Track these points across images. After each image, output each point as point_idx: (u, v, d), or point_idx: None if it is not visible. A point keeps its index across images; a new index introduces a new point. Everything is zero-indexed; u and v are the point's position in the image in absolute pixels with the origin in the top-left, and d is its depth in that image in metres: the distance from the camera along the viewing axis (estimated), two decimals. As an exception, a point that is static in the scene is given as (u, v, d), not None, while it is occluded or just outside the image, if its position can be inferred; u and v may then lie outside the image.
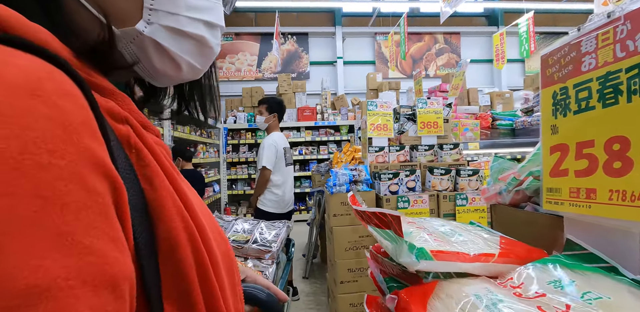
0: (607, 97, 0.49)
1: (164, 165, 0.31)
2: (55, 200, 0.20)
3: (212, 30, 0.38)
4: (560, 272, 0.45)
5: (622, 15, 0.47)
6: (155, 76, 0.37)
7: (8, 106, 0.20)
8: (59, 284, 0.19)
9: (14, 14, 0.24)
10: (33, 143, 0.20)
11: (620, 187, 0.46)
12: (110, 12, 0.32)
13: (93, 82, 0.29)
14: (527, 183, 0.67)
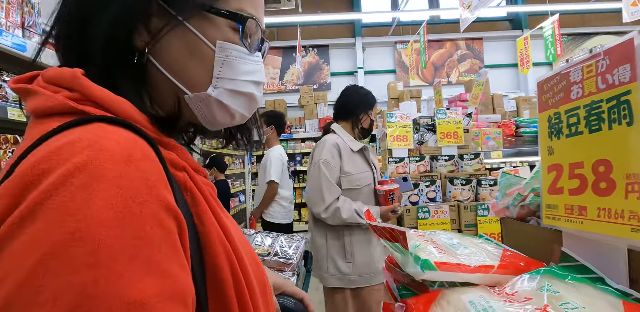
0: (592, 124, 0.54)
1: (211, 203, 0.40)
2: (146, 239, 0.29)
3: (258, 86, 0.48)
4: (553, 282, 0.50)
5: (601, 52, 0.52)
6: (213, 124, 0.48)
7: (112, 171, 0.29)
8: (151, 300, 0.28)
9: (112, 97, 0.35)
10: (130, 198, 0.29)
11: (606, 206, 0.51)
12: (188, 84, 0.43)
13: (160, 140, 0.39)
14: (530, 199, 0.71)
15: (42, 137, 0.32)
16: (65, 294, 0.25)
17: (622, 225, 0.48)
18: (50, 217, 0.26)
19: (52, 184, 0.27)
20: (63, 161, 0.28)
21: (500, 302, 0.47)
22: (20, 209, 0.27)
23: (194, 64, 0.43)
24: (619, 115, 0.49)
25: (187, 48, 0.43)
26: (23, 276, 0.25)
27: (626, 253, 0.49)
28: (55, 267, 0.25)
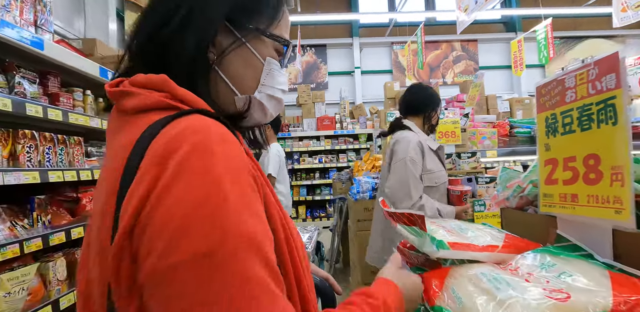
0: (584, 123, 0.63)
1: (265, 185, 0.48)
2: (249, 196, 0.39)
3: (284, 94, 0.60)
4: (547, 258, 0.59)
5: (592, 62, 0.61)
6: (249, 121, 0.59)
7: (218, 148, 0.38)
8: (258, 236, 0.37)
9: (193, 97, 0.44)
10: (234, 168, 0.38)
11: (594, 193, 0.60)
12: (240, 88, 0.54)
13: None
14: (528, 190, 0.80)
15: (156, 125, 0.40)
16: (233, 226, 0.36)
17: (608, 208, 0.57)
18: (192, 177, 0.36)
19: (184, 155, 0.37)
20: (185, 141, 0.38)
21: (509, 274, 0.56)
22: (170, 172, 0.36)
23: (248, 72, 0.55)
24: (606, 117, 0.58)
25: (244, 61, 0.54)
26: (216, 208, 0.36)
27: (611, 233, 0.59)
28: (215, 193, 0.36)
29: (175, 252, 0.33)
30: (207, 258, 0.34)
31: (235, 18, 0.52)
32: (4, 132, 1.53)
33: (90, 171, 2.00)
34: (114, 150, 0.44)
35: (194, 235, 0.34)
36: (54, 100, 1.82)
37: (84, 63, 1.97)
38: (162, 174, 0.36)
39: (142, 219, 0.35)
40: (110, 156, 0.45)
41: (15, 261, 1.60)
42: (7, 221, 1.55)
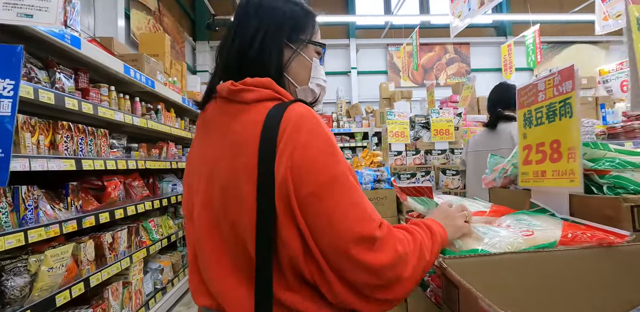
0: (550, 117, 0.84)
1: None
2: (336, 144, 0.60)
3: (325, 82, 0.81)
4: (523, 216, 0.80)
5: (556, 72, 0.82)
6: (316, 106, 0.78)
7: (318, 119, 0.60)
8: (346, 172, 0.60)
9: (286, 92, 0.63)
10: (328, 129, 0.60)
11: (556, 168, 0.81)
12: (299, 82, 0.74)
13: None
14: (510, 171, 1.01)
15: (278, 108, 0.61)
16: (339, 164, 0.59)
17: (565, 179, 0.78)
18: (318, 137, 0.60)
19: (310, 125, 0.60)
20: (305, 118, 0.61)
21: (492, 227, 0.76)
22: (305, 135, 0.59)
23: (302, 71, 0.76)
24: (565, 112, 0.79)
25: (299, 63, 0.75)
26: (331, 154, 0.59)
27: (568, 197, 0.80)
28: (329, 147, 0.59)
29: (319, 179, 0.56)
30: (335, 179, 0.57)
31: (292, 35, 0.73)
32: (46, 123, 1.69)
33: (115, 161, 2.17)
34: (236, 129, 0.63)
35: (328, 168, 0.58)
36: (85, 95, 1.98)
37: (111, 61, 2.13)
38: (301, 135, 0.58)
39: (295, 162, 0.56)
40: (231, 132, 0.64)
41: (52, 240, 1.76)
42: (47, 204, 1.71)
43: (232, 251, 0.61)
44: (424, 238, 0.63)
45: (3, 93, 1.25)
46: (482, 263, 0.59)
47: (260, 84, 0.65)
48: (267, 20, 0.70)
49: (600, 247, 0.62)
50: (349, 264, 0.54)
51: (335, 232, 0.54)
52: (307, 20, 0.76)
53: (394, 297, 0.57)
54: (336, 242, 0.54)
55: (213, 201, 0.63)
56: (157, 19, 6.24)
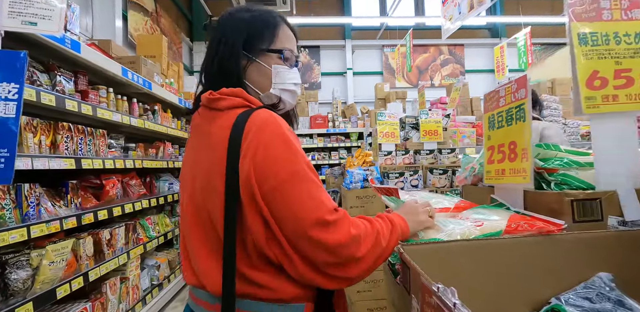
0: (508, 120, 0.93)
1: None
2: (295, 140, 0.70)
3: (296, 86, 0.87)
4: (481, 210, 0.89)
5: (513, 80, 0.91)
6: (277, 108, 0.86)
7: (280, 121, 0.69)
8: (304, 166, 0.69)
9: (255, 100, 0.73)
10: (286, 128, 0.69)
11: (513, 167, 0.90)
12: (260, 89, 0.82)
13: None
14: (478, 169, 1.10)
15: (245, 114, 0.70)
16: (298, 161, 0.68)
17: (519, 176, 0.87)
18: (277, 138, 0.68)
19: (271, 127, 0.69)
20: (267, 121, 0.70)
21: (453, 219, 0.85)
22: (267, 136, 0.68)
23: (261, 78, 0.82)
24: (520, 116, 0.88)
25: (258, 71, 0.82)
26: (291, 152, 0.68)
27: (522, 192, 0.89)
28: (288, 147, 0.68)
29: (280, 175, 0.65)
30: (294, 174, 0.65)
31: (247, 45, 0.79)
32: (47, 124, 1.77)
33: (113, 160, 2.24)
34: (213, 132, 0.72)
35: (287, 165, 0.66)
36: (84, 96, 2.06)
37: (110, 64, 2.21)
38: (263, 137, 0.66)
39: (258, 161, 0.65)
40: (211, 134, 0.73)
41: (52, 236, 1.84)
42: (48, 201, 1.78)
43: (208, 236, 0.71)
44: (382, 227, 0.72)
45: (8, 96, 1.32)
46: (435, 249, 0.68)
47: (233, 93, 0.74)
48: (228, 32, 0.79)
49: (539, 236, 0.71)
50: (310, 244, 0.64)
51: (296, 219, 0.64)
52: (265, 29, 0.81)
53: (351, 275, 0.66)
54: (297, 227, 0.64)
55: (196, 194, 0.73)
56: (155, 20, 6.31)
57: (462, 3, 4.11)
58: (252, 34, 0.80)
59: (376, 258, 0.69)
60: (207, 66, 0.81)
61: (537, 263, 0.71)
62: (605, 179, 0.79)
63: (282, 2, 6.56)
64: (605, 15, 0.81)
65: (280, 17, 0.85)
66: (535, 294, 0.71)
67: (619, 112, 0.79)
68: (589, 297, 0.69)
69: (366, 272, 0.68)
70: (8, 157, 1.29)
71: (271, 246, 0.67)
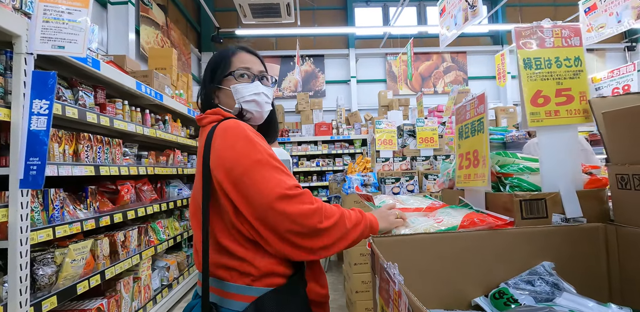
0: (472, 132, 1.07)
1: None
2: (256, 138, 0.87)
3: (257, 96, 1.03)
4: (448, 210, 1.02)
5: (475, 97, 1.06)
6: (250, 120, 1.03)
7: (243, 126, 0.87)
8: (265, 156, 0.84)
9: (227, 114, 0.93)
10: (250, 130, 0.87)
11: (476, 172, 1.04)
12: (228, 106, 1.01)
13: None
14: (452, 174, 1.24)
15: (214, 127, 0.88)
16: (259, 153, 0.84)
17: (479, 180, 1.01)
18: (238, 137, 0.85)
19: (232, 129, 0.87)
20: (229, 125, 0.88)
21: (421, 217, 0.99)
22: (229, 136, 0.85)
23: (228, 99, 1.02)
24: (479, 128, 1.02)
25: (223, 94, 1.02)
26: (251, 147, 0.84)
27: (484, 194, 1.02)
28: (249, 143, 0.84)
29: (244, 163, 0.81)
30: (257, 162, 0.81)
31: (213, 77, 1.02)
32: (70, 135, 1.95)
33: (127, 167, 2.42)
34: (200, 142, 0.92)
35: (250, 155, 0.82)
36: (102, 109, 2.25)
37: (125, 79, 2.41)
38: (225, 137, 0.84)
39: (223, 156, 0.83)
40: (199, 144, 0.92)
41: (73, 237, 2.01)
42: (70, 204, 1.96)
43: (199, 222, 0.87)
44: (350, 214, 0.87)
45: (40, 111, 1.51)
46: (399, 240, 0.82)
47: (212, 112, 0.96)
48: (205, 75, 1.04)
49: (490, 230, 0.85)
50: (274, 215, 0.78)
51: (261, 195, 0.78)
52: (221, 60, 1.02)
53: (314, 246, 0.80)
54: (263, 202, 0.78)
55: (193, 191, 0.93)
56: (165, 33, 6.59)
57: (457, 15, 4.27)
58: (214, 68, 1.01)
59: (339, 237, 0.82)
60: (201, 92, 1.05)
61: (488, 253, 0.84)
62: (550, 182, 0.92)
63: (287, 13, 6.79)
64: (548, 42, 0.95)
65: (238, 48, 1.05)
66: (486, 279, 0.84)
67: (561, 125, 0.93)
68: (531, 281, 0.82)
69: (329, 248, 0.82)
70: (40, 165, 1.47)
71: (242, 222, 0.83)
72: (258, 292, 0.82)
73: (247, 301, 0.81)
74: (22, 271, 1.50)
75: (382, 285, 0.66)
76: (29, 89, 1.51)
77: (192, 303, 0.90)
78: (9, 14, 1.48)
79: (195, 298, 0.93)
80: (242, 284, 0.83)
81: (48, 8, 1.57)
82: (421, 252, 0.82)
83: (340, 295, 3.29)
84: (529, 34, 0.95)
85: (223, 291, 0.84)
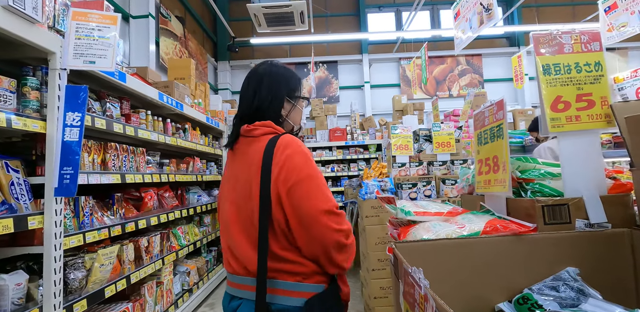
0: (492, 138, 1.08)
1: None
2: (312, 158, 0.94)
3: (305, 120, 1.12)
4: (469, 216, 1.03)
5: (494, 103, 1.07)
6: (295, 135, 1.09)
7: (301, 143, 0.93)
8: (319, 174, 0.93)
9: (281, 129, 0.96)
10: (306, 149, 0.93)
11: (496, 178, 1.04)
12: (296, 123, 1.07)
13: None
14: (471, 180, 1.24)
15: (274, 138, 0.94)
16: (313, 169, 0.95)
17: (500, 186, 1.01)
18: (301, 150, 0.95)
19: (293, 146, 0.96)
20: (290, 142, 0.97)
21: (443, 223, 1.00)
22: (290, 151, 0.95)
23: (297, 116, 1.10)
24: (499, 134, 1.02)
25: (295, 111, 1.08)
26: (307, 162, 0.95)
27: (505, 199, 1.02)
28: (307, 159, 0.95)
29: (300, 175, 0.89)
30: (310, 176, 0.88)
31: (290, 93, 1.10)
32: (99, 144, 2.05)
33: (150, 175, 2.51)
34: (250, 152, 0.97)
35: (305, 170, 0.91)
36: (127, 119, 2.35)
37: (148, 90, 2.51)
38: (287, 152, 0.93)
39: (285, 167, 0.91)
40: (248, 154, 0.97)
41: (101, 242, 2.10)
42: (98, 211, 2.05)
43: (249, 231, 0.93)
44: None
45: (73, 123, 1.60)
46: (421, 246, 0.83)
47: (264, 124, 1.02)
48: (273, 83, 1.06)
49: (512, 236, 0.85)
50: (319, 227, 0.88)
51: (310, 206, 0.88)
52: (299, 83, 1.13)
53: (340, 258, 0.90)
54: (311, 212, 0.87)
55: (237, 198, 0.96)
56: (183, 44, 6.80)
57: (472, 18, 4.25)
58: (295, 87, 1.11)
59: (351, 253, 0.94)
60: (247, 105, 1.07)
61: (511, 259, 0.84)
62: (572, 187, 0.92)
63: (301, 21, 6.91)
64: (567, 48, 0.96)
65: None
66: (510, 285, 0.84)
67: (583, 130, 0.93)
68: (555, 287, 0.82)
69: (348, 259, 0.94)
70: (72, 174, 1.55)
71: (290, 231, 0.92)
72: (309, 289, 0.91)
73: (298, 296, 0.91)
74: (56, 275, 1.57)
75: (407, 289, 0.67)
76: (63, 103, 1.61)
77: (234, 305, 0.95)
78: (44, 33, 1.58)
79: (231, 301, 0.97)
80: (294, 282, 0.92)
81: (80, 26, 1.67)
82: (444, 257, 0.83)
83: (358, 301, 3.28)
84: (548, 39, 0.95)
85: (275, 289, 0.91)
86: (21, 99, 1.55)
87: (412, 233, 1.00)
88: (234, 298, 0.96)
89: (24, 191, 1.53)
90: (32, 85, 1.58)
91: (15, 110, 1.49)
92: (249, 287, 0.91)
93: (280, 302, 0.89)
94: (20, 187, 1.52)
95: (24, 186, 1.53)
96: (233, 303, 0.95)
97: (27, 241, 1.60)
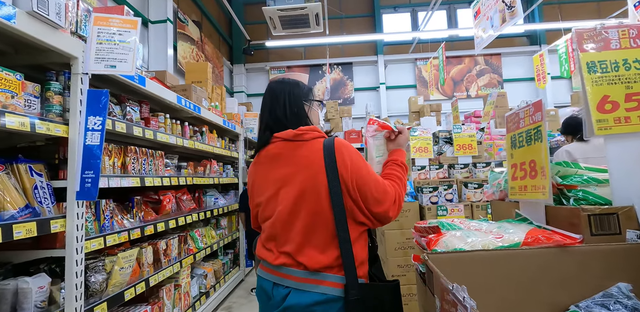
0: (528, 140, 1.01)
1: None
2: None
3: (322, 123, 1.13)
4: (505, 224, 0.96)
5: (531, 104, 1.00)
6: None
7: (348, 143, 1.01)
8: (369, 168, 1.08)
9: (322, 131, 0.96)
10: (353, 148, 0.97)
11: (534, 184, 0.97)
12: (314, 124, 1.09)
13: None
14: (503, 185, 1.17)
15: (330, 140, 1.05)
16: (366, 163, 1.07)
17: (539, 192, 0.94)
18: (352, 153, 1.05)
19: (347, 147, 1.05)
20: (345, 142, 1.06)
21: (476, 232, 0.94)
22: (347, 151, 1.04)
23: (316, 117, 1.12)
24: (537, 137, 0.96)
25: (313, 113, 1.13)
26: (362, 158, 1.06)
27: (544, 207, 0.95)
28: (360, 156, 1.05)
29: (361, 170, 1.01)
30: (370, 171, 1.03)
31: (306, 99, 1.16)
32: (119, 148, 2.06)
33: (169, 178, 2.52)
34: (301, 154, 1.04)
35: (363, 167, 1.03)
36: (146, 123, 2.36)
37: (167, 93, 2.52)
38: (346, 152, 1.02)
39: (349, 166, 1.00)
40: (298, 156, 1.05)
41: (121, 245, 2.11)
42: (118, 214, 2.06)
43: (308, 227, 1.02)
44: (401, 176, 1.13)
45: (94, 127, 1.60)
46: (457, 258, 0.78)
47: (311, 129, 1.10)
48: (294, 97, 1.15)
49: (557, 247, 0.78)
50: (375, 203, 1.01)
51: (371, 192, 1.01)
52: (311, 92, 1.21)
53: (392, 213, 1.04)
54: (372, 196, 1.01)
55: (292, 199, 1.03)
56: (200, 48, 6.90)
57: (494, 16, 4.13)
58: (309, 91, 1.18)
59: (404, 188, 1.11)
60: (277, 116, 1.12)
61: (556, 273, 0.78)
62: (622, 195, 0.84)
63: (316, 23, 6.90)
64: (614, 44, 0.88)
65: None
66: (554, 301, 0.77)
67: (633, 132, 0.85)
68: (605, 304, 0.75)
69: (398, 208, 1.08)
70: (94, 177, 1.55)
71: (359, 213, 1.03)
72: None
73: None
74: (78, 279, 1.58)
75: (446, 307, 0.62)
76: (85, 107, 1.62)
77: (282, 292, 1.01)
78: (67, 38, 1.60)
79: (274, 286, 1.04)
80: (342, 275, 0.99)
81: (101, 31, 1.68)
82: (481, 270, 0.77)
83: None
84: (592, 35, 0.88)
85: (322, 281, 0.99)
86: (45, 103, 1.56)
87: (443, 242, 0.94)
88: (277, 285, 1.03)
89: (47, 194, 1.54)
90: (55, 90, 1.60)
91: (39, 114, 1.51)
92: (301, 279, 0.99)
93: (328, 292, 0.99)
94: (44, 190, 1.53)
95: (47, 190, 1.55)
96: (280, 290, 1.02)
97: (49, 244, 1.61)
